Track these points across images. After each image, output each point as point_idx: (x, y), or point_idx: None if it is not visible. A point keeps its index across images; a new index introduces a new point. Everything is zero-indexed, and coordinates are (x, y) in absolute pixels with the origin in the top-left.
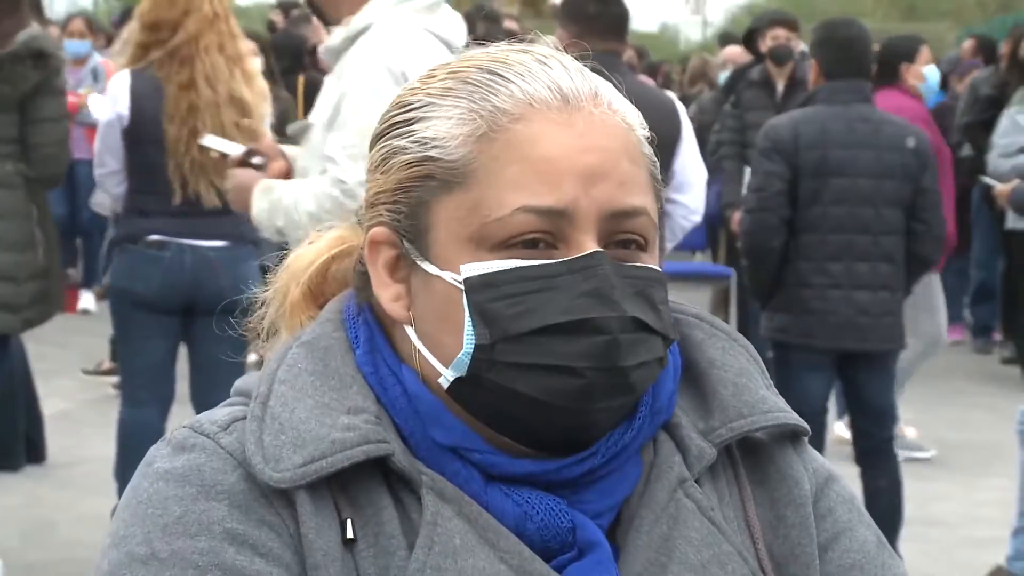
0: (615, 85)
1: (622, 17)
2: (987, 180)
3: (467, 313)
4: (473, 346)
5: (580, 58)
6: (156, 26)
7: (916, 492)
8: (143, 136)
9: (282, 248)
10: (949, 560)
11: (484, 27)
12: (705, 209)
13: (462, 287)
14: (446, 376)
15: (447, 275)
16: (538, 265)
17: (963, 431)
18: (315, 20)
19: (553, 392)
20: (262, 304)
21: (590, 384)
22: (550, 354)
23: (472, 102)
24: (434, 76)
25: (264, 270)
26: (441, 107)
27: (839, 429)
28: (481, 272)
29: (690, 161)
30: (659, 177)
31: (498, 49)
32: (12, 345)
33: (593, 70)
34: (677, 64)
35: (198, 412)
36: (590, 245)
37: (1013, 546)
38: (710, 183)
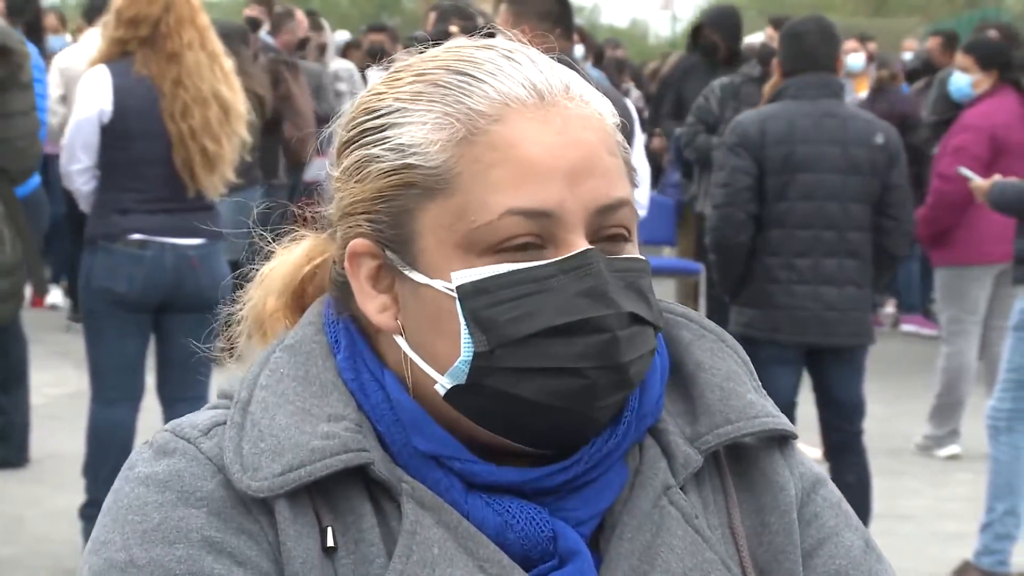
0: (583, 75)
1: (572, 16)
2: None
3: (462, 321)
4: (472, 354)
5: (544, 51)
6: (135, 21)
7: (885, 487)
8: (127, 132)
9: (252, 247)
10: (918, 555)
11: (460, 24)
12: (672, 202)
13: (455, 295)
14: (442, 384)
15: (438, 283)
16: (530, 267)
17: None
18: (299, 15)
19: (556, 394)
20: (237, 321)
21: (593, 383)
22: (551, 357)
23: (446, 105)
24: (400, 79)
25: (235, 266)
26: (413, 112)
27: None
28: (473, 279)
29: (640, 158)
30: (632, 164)
31: (461, 47)
32: (23, 336)
33: (560, 62)
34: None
35: (164, 406)
36: (580, 243)
37: (981, 541)
38: (672, 173)
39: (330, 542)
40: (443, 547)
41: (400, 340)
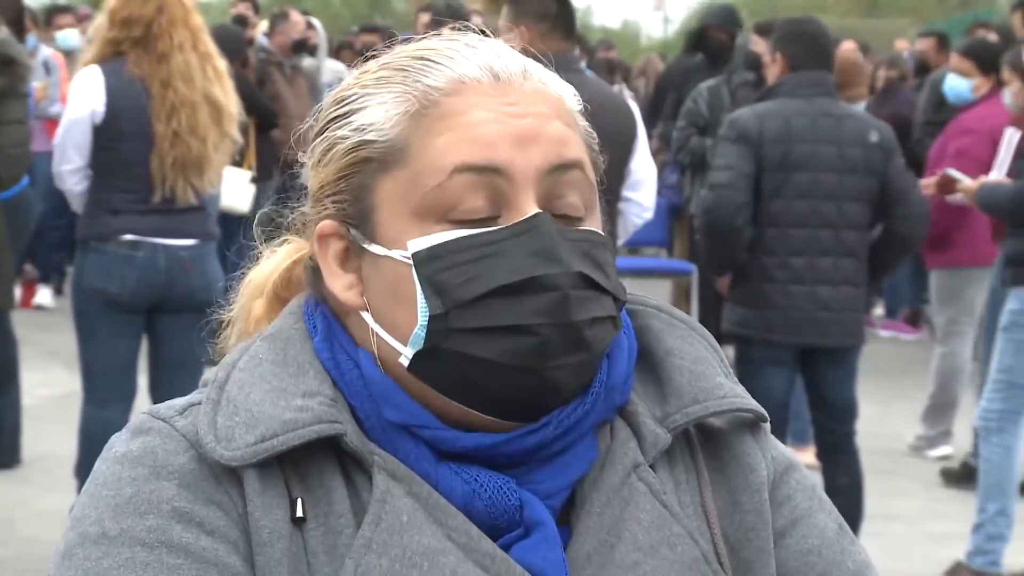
0: (543, 62)
1: (574, 16)
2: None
3: (418, 286)
4: (427, 317)
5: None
6: (128, 22)
7: (877, 488)
8: (118, 132)
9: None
10: (909, 556)
11: (452, 24)
12: (665, 203)
13: (411, 262)
14: (406, 355)
15: (396, 253)
16: (483, 233)
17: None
18: (294, 16)
19: (509, 352)
20: (227, 324)
21: (545, 341)
22: (502, 315)
23: (405, 84)
24: (368, 70)
25: (224, 258)
26: (375, 95)
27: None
28: (428, 245)
29: (643, 160)
30: (596, 147)
31: (429, 39)
32: (13, 336)
33: (528, 54)
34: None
35: None
36: (531, 208)
37: (973, 542)
38: (670, 174)
39: (299, 513)
40: (412, 516)
41: (366, 315)
